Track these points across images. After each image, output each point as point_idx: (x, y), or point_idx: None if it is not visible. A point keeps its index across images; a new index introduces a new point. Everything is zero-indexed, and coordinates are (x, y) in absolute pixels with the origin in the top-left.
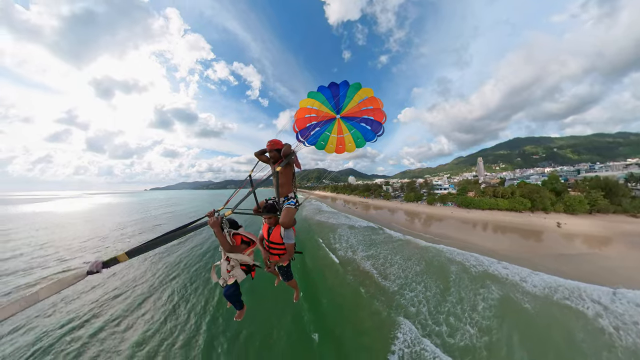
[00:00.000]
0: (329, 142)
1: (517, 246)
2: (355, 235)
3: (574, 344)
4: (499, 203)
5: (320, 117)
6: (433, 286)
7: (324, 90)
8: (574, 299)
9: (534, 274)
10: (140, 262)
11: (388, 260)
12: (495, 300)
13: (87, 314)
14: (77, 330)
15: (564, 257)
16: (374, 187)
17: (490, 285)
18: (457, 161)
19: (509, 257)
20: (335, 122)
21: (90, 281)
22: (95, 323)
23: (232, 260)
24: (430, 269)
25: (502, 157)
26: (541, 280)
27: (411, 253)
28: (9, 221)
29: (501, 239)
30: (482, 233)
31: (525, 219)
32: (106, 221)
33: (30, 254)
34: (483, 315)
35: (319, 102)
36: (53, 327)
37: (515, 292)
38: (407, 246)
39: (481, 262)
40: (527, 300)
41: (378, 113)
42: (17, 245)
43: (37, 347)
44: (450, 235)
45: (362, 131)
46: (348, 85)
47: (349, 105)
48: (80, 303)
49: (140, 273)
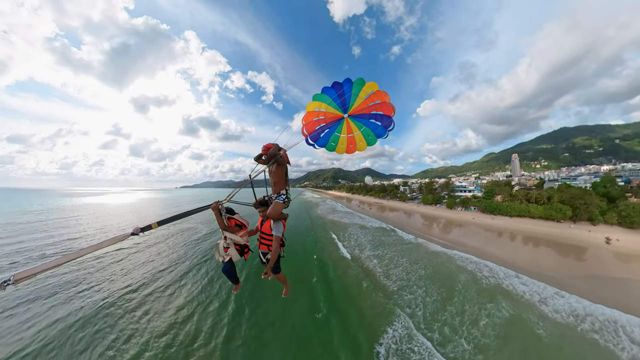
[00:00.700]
0: (339, 143)
1: (550, 262)
2: (366, 234)
3: None
4: (531, 210)
5: (328, 119)
6: (435, 293)
7: (329, 90)
8: (605, 334)
9: (559, 295)
10: (180, 246)
11: (393, 262)
12: (502, 318)
13: (140, 281)
14: (134, 292)
15: (603, 279)
16: (389, 188)
17: (500, 301)
18: (487, 158)
19: (532, 272)
20: (344, 121)
21: (142, 255)
22: (147, 288)
23: (227, 239)
24: (436, 275)
25: (544, 153)
26: (567, 304)
27: (419, 257)
28: (77, 210)
29: (529, 253)
30: (507, 244)
31: (563, 230)
32: (150, 212)
33: (93, 235)
34: (484, 332)
35: (325, 103)
36: (117, 288)
37: (529, 314)
38: (416, 250)
39: (495, 273)
40: (543, 326)
41: (386, 107)
42: (84, 227)
43: (106, 302)
44: (467, 244)
45: (372, 128)
46: (351, 82)
47: (355, 102)
48: (135, 274)
49: (181, 254)
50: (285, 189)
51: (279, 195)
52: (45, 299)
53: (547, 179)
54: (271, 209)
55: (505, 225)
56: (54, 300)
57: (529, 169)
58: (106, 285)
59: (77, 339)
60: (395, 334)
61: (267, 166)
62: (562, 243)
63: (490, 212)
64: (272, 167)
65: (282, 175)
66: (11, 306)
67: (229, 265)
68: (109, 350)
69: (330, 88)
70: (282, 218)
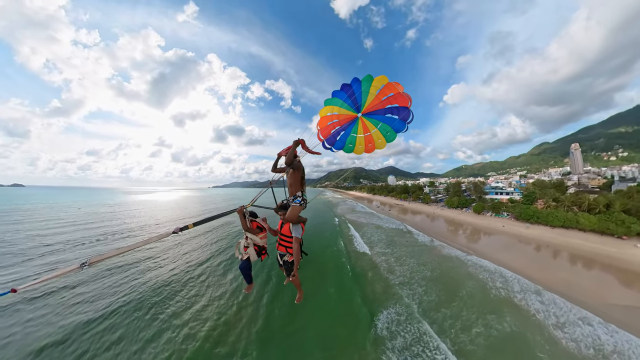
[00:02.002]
0: (356, 144)
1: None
2: (380, 234)
3: None
4: (581, 220)
5: (342, 120)
6: (434, 294)
7: (339, 93)
8: None
9: (583, 321)
10: (221, 239)
11: (401, 260)
12: (501, 332)
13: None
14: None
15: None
16: (412, 189)
17: (505, 315)
18: (538, 150)
19: (558, 290)
20: (358, 121)
21: (197, 247)
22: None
23: (248, 239)
24: (442, 279)
25: (623, 139)
26: (593, 334)
27: (430, 259)
28: (135, 205)
29: (574, 275)
30: (547, 262)
31: (621, 249)
32: (192, 208)
33: (147, 227)
34: (473, 340)
35: (337, 106)
36: (178, 269)
37: (536, 334)
38: (428, 252)
39: (509, 285)
40: (549, 350)
41: (401, 98)
42: (141, 219)
43: (163, 283)
44: (492, 257)
45: (390, 123)
46: (359, 80)
47: (367, 99)
48: (183, 260)
49: (223, 245)
50: (301, 191)
51: (295, 198)
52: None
53: (617, 177)
54: (289, 212)
55: (542, 236)
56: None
57: (599, 162)
58: (164, 268)
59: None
60: (389, 316)
61: (285, 172)
62: (621, 267)
63: (527, 219)
64: (289, 171)
65: (297, 178)
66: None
67: (246, 263)
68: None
69: (340, 91)
70: (301, 221)
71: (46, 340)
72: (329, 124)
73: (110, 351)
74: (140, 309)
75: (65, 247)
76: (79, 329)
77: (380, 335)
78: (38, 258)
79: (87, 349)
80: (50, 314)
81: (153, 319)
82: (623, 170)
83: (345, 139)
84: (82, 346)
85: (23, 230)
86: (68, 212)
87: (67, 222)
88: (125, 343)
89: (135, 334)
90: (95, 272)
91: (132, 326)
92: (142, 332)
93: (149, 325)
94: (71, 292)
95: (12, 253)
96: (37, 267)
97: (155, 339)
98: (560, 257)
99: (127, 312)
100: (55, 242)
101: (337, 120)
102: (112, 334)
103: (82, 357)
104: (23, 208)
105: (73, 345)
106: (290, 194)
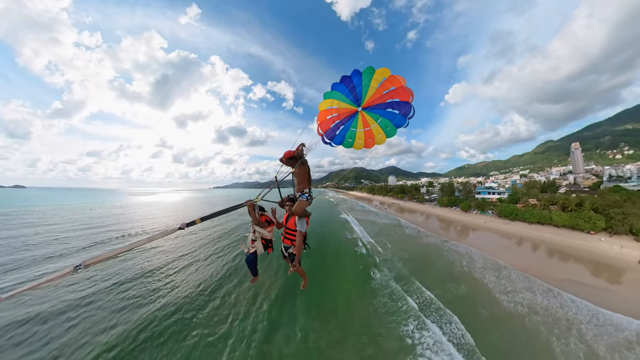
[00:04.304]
0: (356, 138)
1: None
2: (375, 227)
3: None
4: (554, 217)
5: (342, 115)
6: (407, 269)
7: (338, 86)
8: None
9: (528, 290)
10: (222, 236)
11: (387, 245)
12: (454, 294)
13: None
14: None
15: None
16: (408, 189)
17: (461, 284)
18: (542, 148)
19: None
20: (358, 115)
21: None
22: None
23: (256, 233)
24: (417, 260)
25: (630, 136)
26: (532, 298)
27: (412, 245)
28: (145, 206)
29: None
30: (525, 254)
31: (586, 241)
32: (197, 208)
33: (150, 226)
34: (428, 296)
35: (337, 100)
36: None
37: (483, 297)
38: (412, 240)
39: (474, 264)
40: (490, 307)
41: (402, 92)
42: (145, 222)
43: (159, 269)
44: (466, 244)
45: (390, 117)
46: (360, 72)
47: (368, 93)
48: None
49: (222, 247)
50: (308, 188)
51: (303, 193)
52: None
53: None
54: (296, 206)
55: (518, 231)
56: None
57: (604, 161)
58: (160, 255)
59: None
60: (380, 279)
61: (294, 169)
62: (587, 259)
63: (506, 216)
64: (297, 169)
65: (305, 176)
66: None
67: (252, 257)
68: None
69: (340, 83)
70: (306, 215)
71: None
72: (328, 118)
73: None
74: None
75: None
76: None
77: (374, 287)
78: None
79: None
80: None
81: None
82: (622, 170)
83: (344, 134)
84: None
85: (43, 232)
86: (84, 214)
87: (86, 224)
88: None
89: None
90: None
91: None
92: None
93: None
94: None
95: (50, 254)
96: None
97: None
98: (528, 247)
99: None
100: (89, 242)
101: (336, 114)
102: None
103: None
104: (32, 210)
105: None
106: (298, 190)
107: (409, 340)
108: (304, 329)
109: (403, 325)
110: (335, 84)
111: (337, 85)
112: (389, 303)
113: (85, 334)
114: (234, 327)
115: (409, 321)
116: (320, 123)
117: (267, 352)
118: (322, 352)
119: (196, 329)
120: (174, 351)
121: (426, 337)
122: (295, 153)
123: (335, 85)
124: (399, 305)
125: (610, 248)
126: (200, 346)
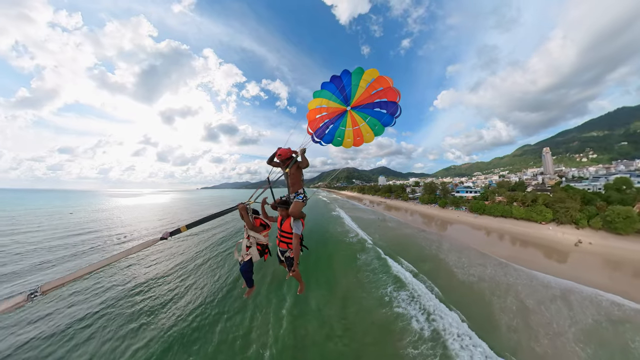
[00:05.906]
0: (345, 137)
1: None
2: (362, 221)
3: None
4: (514, 211)
5: (331, 114)
6: (389, 249)
7: (328, 85)
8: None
9: (482, 265)
10: (207, 245)
11: (377, 232)
12: (420, 269)
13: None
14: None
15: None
16: (395, 189)
17: (427, 262)
18: (520, 152)
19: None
20: (347, 114)
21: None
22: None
23: (251, 238)
24: (395, 247)
25: (594, 142)
26: (482, 271)
27: (392, 233)
28: (125, 210)
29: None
30: (479, 236)
31: (538, 230)
32: (192, 210)
33: (136, 234)
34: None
35: (327, 99)
36: (162, 271)
37: (441, 271)
38: (393, 230)
39: (441, 247)
40: (446, 278)
41: (390, 92)
42: (133, 228)
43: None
44: (439, 233)
45: (378, 117)
46: (349, 73)
47: (357, 93)
48: (165, 265)
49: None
50: (302, 188)
51: (297, 194)
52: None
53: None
54: (292, 207)
55: (484, 223)
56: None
57: (572, 163)
58: (145, 269)
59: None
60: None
61: (288, 168)
62: (538, 243)
63: (476, 211)
64: (292, 169)
65: (298, 176)
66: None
67: (247, 266)
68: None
69: (330, 83)
70: (302, 217)
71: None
72: (317, 117)
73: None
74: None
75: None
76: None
77: (359, 265)
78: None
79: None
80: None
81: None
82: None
83: (334, 132)
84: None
85: (24, 241)
86: (63, 218)
87: (71, 231)
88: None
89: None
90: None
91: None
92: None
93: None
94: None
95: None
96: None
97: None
98: (495, 236)
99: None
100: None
101: (326, 113)
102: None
103: None
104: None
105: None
106: (292, 192)
107: (387, 298)
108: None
109: (382, 289)
110: (325, 83)
111: (327, 85)
112: (370, 276)
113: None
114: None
115: (388, 286)
116: (310, 122)
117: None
118: (321, 310)
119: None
120: None
121: (402, 295)
122: (285, 155)
123: (325, 84)
124: (379, 277)
125: (555, 234)
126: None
